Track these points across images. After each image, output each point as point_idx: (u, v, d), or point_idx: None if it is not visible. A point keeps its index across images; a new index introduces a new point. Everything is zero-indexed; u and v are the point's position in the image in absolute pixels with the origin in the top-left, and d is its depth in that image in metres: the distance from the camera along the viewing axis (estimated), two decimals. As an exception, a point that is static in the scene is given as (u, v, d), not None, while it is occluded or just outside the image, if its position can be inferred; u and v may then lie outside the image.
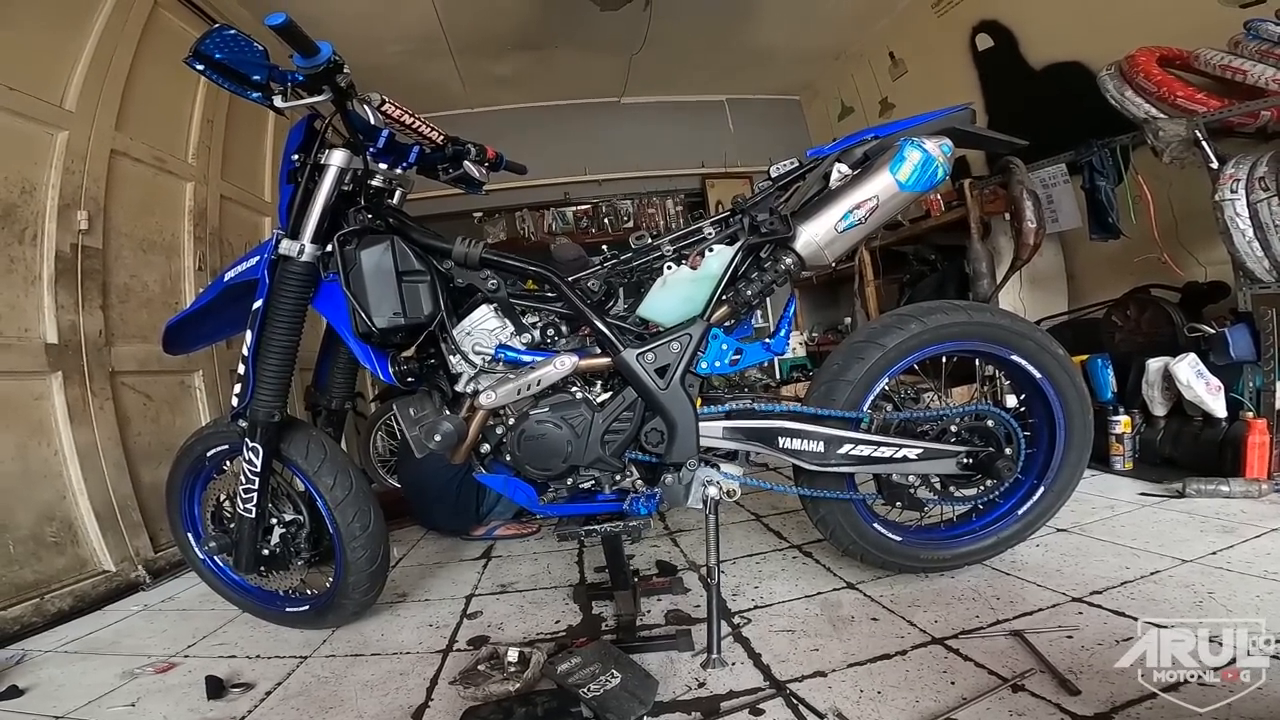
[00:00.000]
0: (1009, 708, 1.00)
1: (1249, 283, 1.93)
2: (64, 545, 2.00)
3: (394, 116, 1.41)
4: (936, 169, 1.32)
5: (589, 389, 1.44)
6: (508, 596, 1.78)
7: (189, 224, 2.68)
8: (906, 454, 1.41)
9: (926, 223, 3.36)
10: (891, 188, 1.31)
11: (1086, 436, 1.51)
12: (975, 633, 1.26)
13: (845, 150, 1.40)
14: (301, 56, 1.18)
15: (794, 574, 1.69)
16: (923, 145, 1.31)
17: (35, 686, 1.47)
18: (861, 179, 1.34)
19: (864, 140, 1.39)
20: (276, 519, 1.54)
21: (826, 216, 1.34)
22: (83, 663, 1.59)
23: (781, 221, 1.35)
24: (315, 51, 1.18)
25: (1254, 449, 1.86)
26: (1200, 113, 1.98)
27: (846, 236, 1.35)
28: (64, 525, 2.02)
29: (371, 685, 1.33)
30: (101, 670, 1.52)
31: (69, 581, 1.97)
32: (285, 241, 1.36)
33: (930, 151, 1.31)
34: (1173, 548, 1.54)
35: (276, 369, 1.40)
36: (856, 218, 1.32)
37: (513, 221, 4.91)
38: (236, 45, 1.21)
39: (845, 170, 1.38)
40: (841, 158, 1.39)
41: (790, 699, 1.10)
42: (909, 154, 1.30)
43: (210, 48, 1.19)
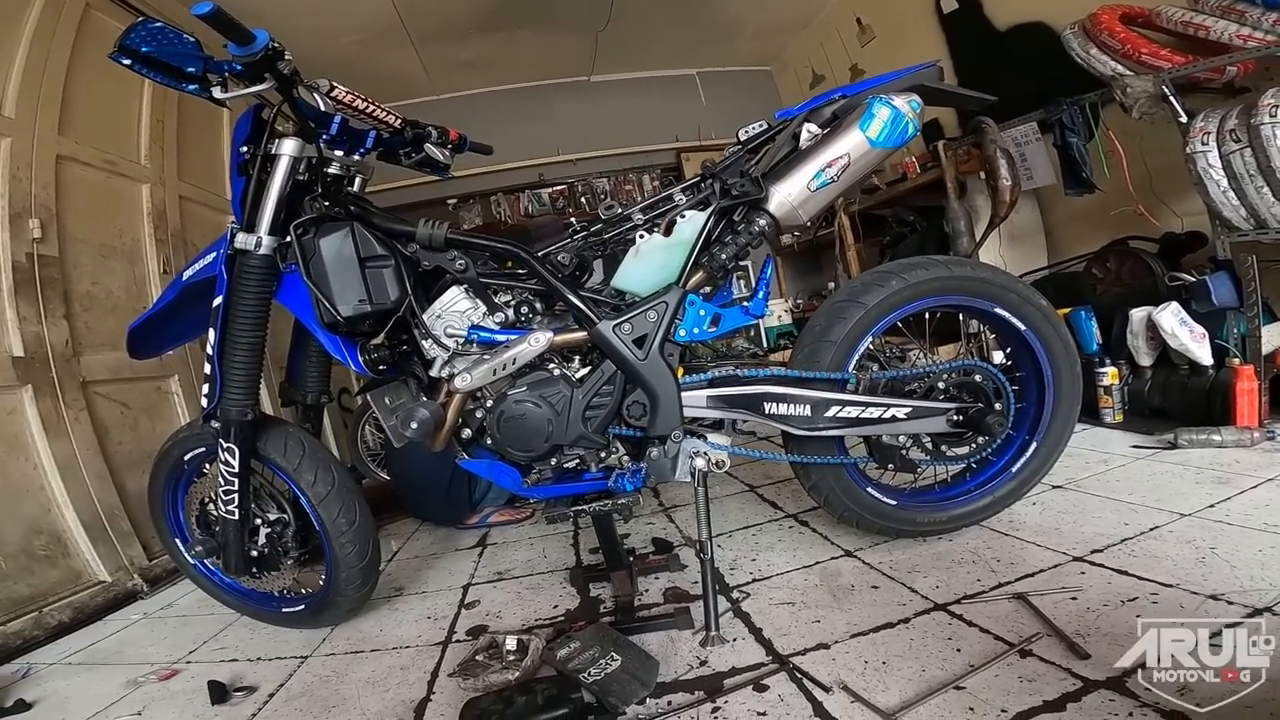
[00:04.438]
0: (1018, 674, 0.99)
1: (1227, 231, 1.95)
2: (55, 558, 1.99)
3: (345, 102, 1.37)
4: (907, 125, 1.31)
5: (567, 365, 1.41)
6: (505, 584, 1.76)
7: (149, 227, 2.63)
8: (895, 413, 1.40)
9: (903, 185, 3.39)
10: (862, 145, 1.30)
11: (1076, 388, 1.50)
12: (978, 597, 1.25)
13: (813, 110, 1.39)
14: (236, 45, 1.14)
15: (791, 544, 1.69)
16: (891, 102, 1.30)
17: (43, 699, 1.47)
18: (832, 138, 1.32)
19: (832, 100, 1.38)
20: (261, 519, 1.50)
21: (798, 176, 1.32)
22: (87, 673, 1.58)
23: (753, 183, 1.33)
24: (250, 39, 1.14)
25: (1242, 396, 1.87)
26: (1166, 69, 1.99)
27: (820, 195, 1.33)
28: (53, 538, 2.00)
29: (373, 682, 1.32)
30: (106, 680, 1.51)
31: (66, 593, 1.96)
32: (241, 235, 1.33)
33: (899, 108, 1.30)
34: (1170, 501, 1.53)
35: (244, 366, 1.37)
36: (829, 176, 1.31)
37: (488, 206, 4.88)
38: (164, 37, 1.16)
39: (815, 130, 1.36)
40: (810, 118, 1.38)
41: (794, 673, 1.09)
42: (878, 111, 1.29)
43: (136, 41, 1.14)
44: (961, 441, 1.50)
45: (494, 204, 4.88)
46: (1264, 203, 1.77)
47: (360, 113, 1.41)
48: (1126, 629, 1.04)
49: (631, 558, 1.74)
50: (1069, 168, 2.63)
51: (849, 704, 0.98)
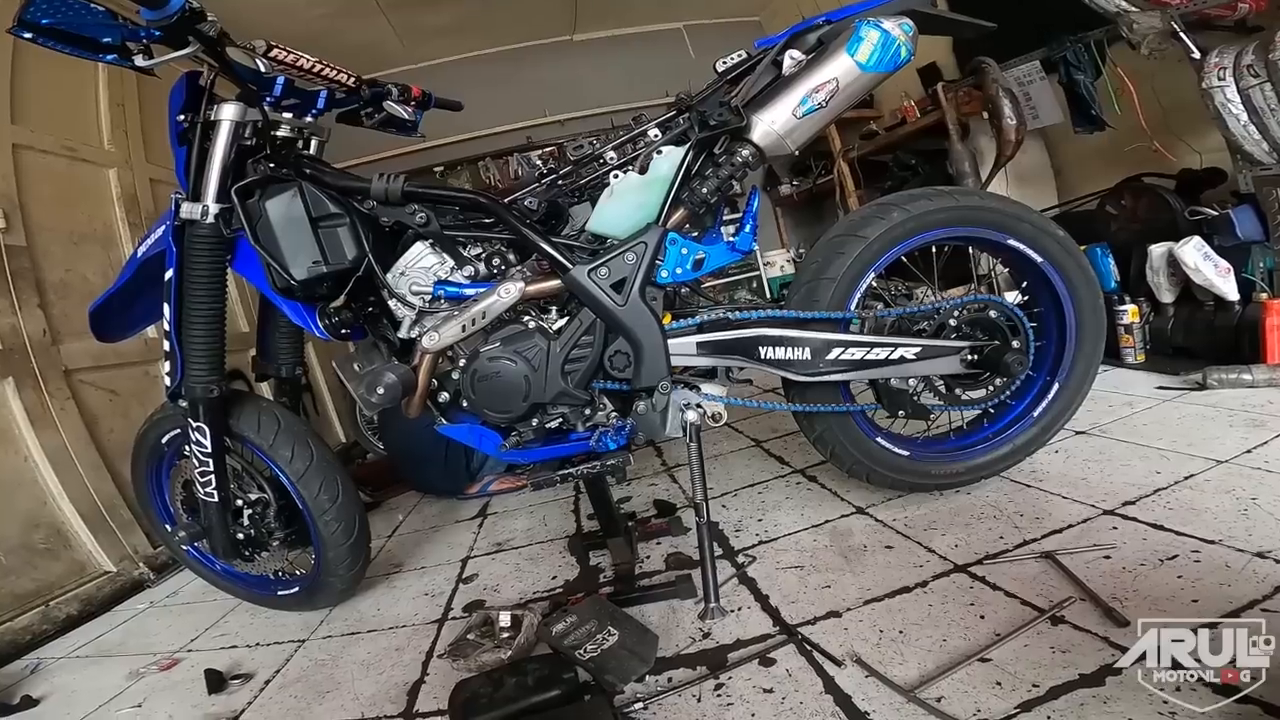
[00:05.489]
0: (1050, 643, 0.90)
1: (1249, 166, 1.88)
2: (57, 551, 1.98)
3: (287, 62, 1.28)
4: (899, 48, 1.22)
5: (543, 317, 1.33)
6: (503, 555, 1.72)
7: (120, 211, 2.59)
8: (903, 353, 1.31)
9: (903, 129, 3.32)
10: (851, 69, 1.22)
11: (1100, 322, 1.41)
12: (1001, 556, 1.16)
13: (796, 36, 1.30)
14: (148, 8, 1.06)
15: (799, 502, 1.61)
16: (881, 24, 1.22)
17: (49, 695, 1.47)
18: (817, 63, 1.24)
19: (816, 25, 1.30)
20: (242, 500, 1.45)
21: (784, 103, 1.23)
22: (93, 666, 1.58)
23: (733, 112, 1.23)
24: (162, 2, 1.05)
25: (1273, 331, 1.75)
26: (1174, 4, 1.89)
27: (807, 122, 1.24)
28: (52, 530, 1.99)
29: (368, 664, 1.29)
30: (110, 673, 1.50)
31: (71, 586, 1.95)
32: (186, 205, 1.28)
33: (890, 30, 1.21)
34: (1203, 446, 1.43)
35: (203, 340, 1.31)
36: (816, 101, 1.22)
37: (476, 172, 4.80)
38: (68, 7, 1.07)
39: (799, 56, 1.27)
40: (792, 44, 1.29)
41: (803, 645, 1.02)
42: (866, 34, 1.21)
43: (36, 14, 1.05)
44: (977, 384, 1.41)
45: (482, 169, 4.79)
46: None
47: (306, 72, 1.32)
48: (1168, 592, 0.96)
49: (631, 522, 1.68)
50: (1077, 105, 2.53)
51: (863, 679, 0.91)
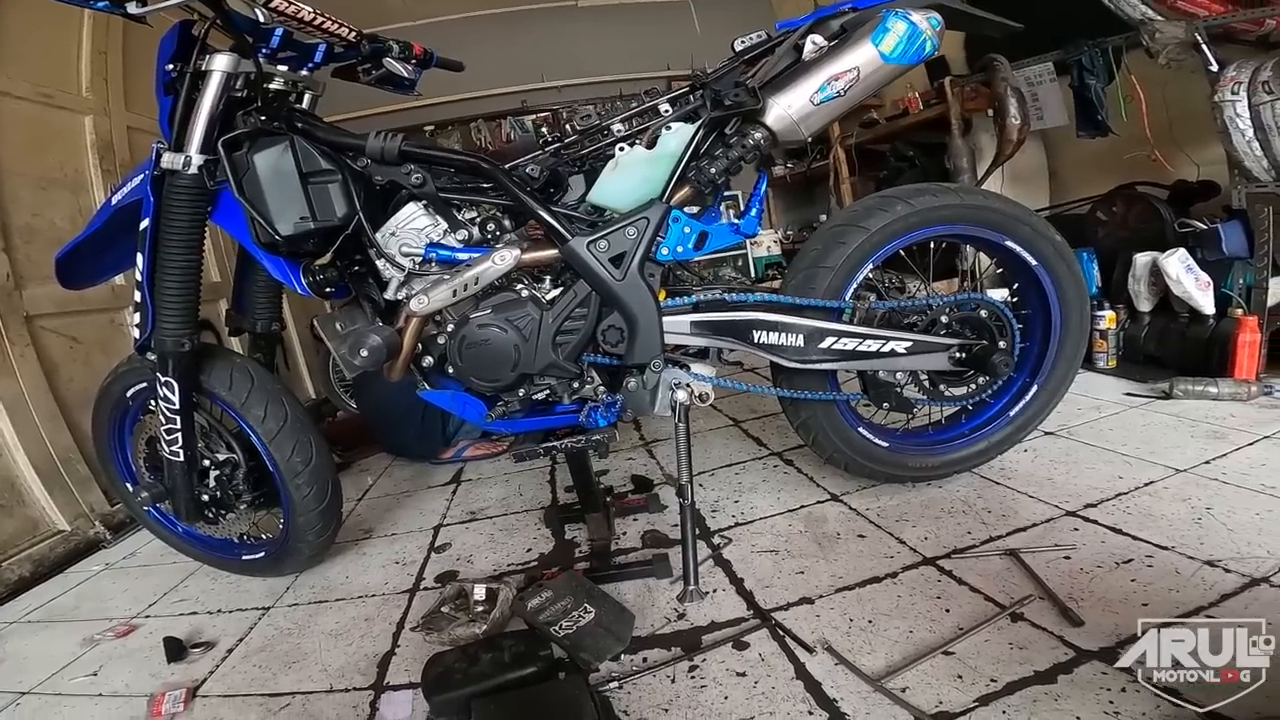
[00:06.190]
0: (1009, 639, 0.94)
1: (1245, 181, 1.91)
2: (10, 507, 1.91)
3: (287, 13, 1.21)
4: (924, 42, 1.20)
5: (537, 286, 1.30)
6: (477, 525, 1.71)
7: (94, 158, 2.49)
8: (895, 347, 1.32)
9: (904, 120, 3.28)
10: (874, 60, 1.19)
11: (1084, 328, 1.44)
12: (968, 551, 1.20)
13: (819, 22, 1.27)
14: None
15: (775, 485, 1.63)
16: (908, 16, 1.19)
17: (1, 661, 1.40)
18: (840, 50, 1.21)
19: (841, 12, 1.27)
20: (210, 460, 1.41)
21: (802, 88, 1.21)
22: (45, 632, 1.51)
23: (749, 93, 1.20)
24: None
25: (1243, 348, 1.80)
26: (1201, 16, 1.90)
27: (824, 110, 1.22)
28: (5, 485, 1.91)
29: (336, 635, 1.27)
30: (64, 639, 1.44)
31: (24, 545, 1.88)
32: (168, 155, 1.23)
33: (917, 23, 1.19)
34: (1165, 455, 1.48)
35: (177, 293, 1.27)
36: (835, 90, 1.20)
37: (468, 133, 4.68)
38: None
39: (820, 42, 1.25)
40: (815, 29, 1.26)
41: (776, 630, 1.04)
42: (893, 25, 1.18)
43: None
44: (961, 381, 1.43)
45: (474, 130, 4.68)
46: None
47: (306, 25, 1.25)
48: (1121, 594, 1.00)
49: (609, 497, 1.68)
50: (1084, 109, 2.53)
51: (833, 667, 0.93)
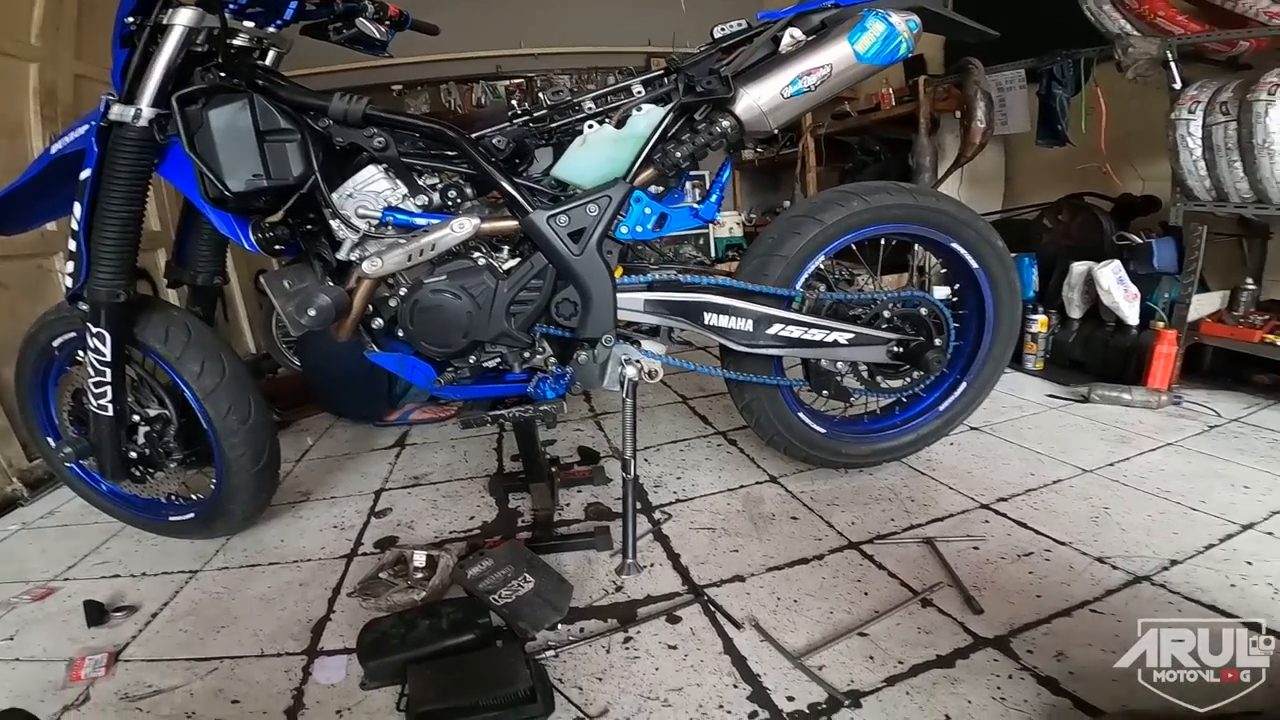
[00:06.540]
0: (917, 623, 1.01)
1: (1185, 199, 1.98)
2: None
3: None
4: (900, 44, 1.22)
5: (494, 255, 1.30)
6: (420, 490, 1.70)
7: (35, 104, 2.33)
8: (838, 338, 1.38)
9: (875, 115, 3.31)
10: (848, 58, 1.21)
11: (1013, 332, 1.52)
12: (890, 537, 1.27)
13: (800, 15, 1.29)
14: None
15: (717, 464, 1.68)
16: (888, 17, 1.21)
17: None
18: (816, 45, 1.23)
19: (823, 7, 1.29)
20: (140, 416, 1.36)
21: (773, 81, 1.22)
22: None
23: (721, 82, 1.22)
24: None
25: (1159, 359, 1.93)
26: (1176, 34, 1.95)
27: (793, 103, 1.24)
28: None
29: (268, 599, 1.25)
30: None
31: None
32: (117, 107, 1.16)
33: (895, 25, 1.21)
34: (1074, 455, 1.59)
35: (115, 242, 1.21)
36: (806, 85, 1.22)
37: (436, 94, 4.52)
38: None
39: (799, 36, 1.26)
40: (795, 22, 1.28)
41: (708, 606, 1.09)
42: (872, 24, 1.20)
43: None
44: (897, 374, 1.50)
45: (444, 92, 4.53)
46: (1231, 177, 1.78)
47: None
48: (1019, 585, 1.09)
49: (555, 468, 1.69)
50: (1046, 118, 2.59)
51: (758, 643, 0.99)
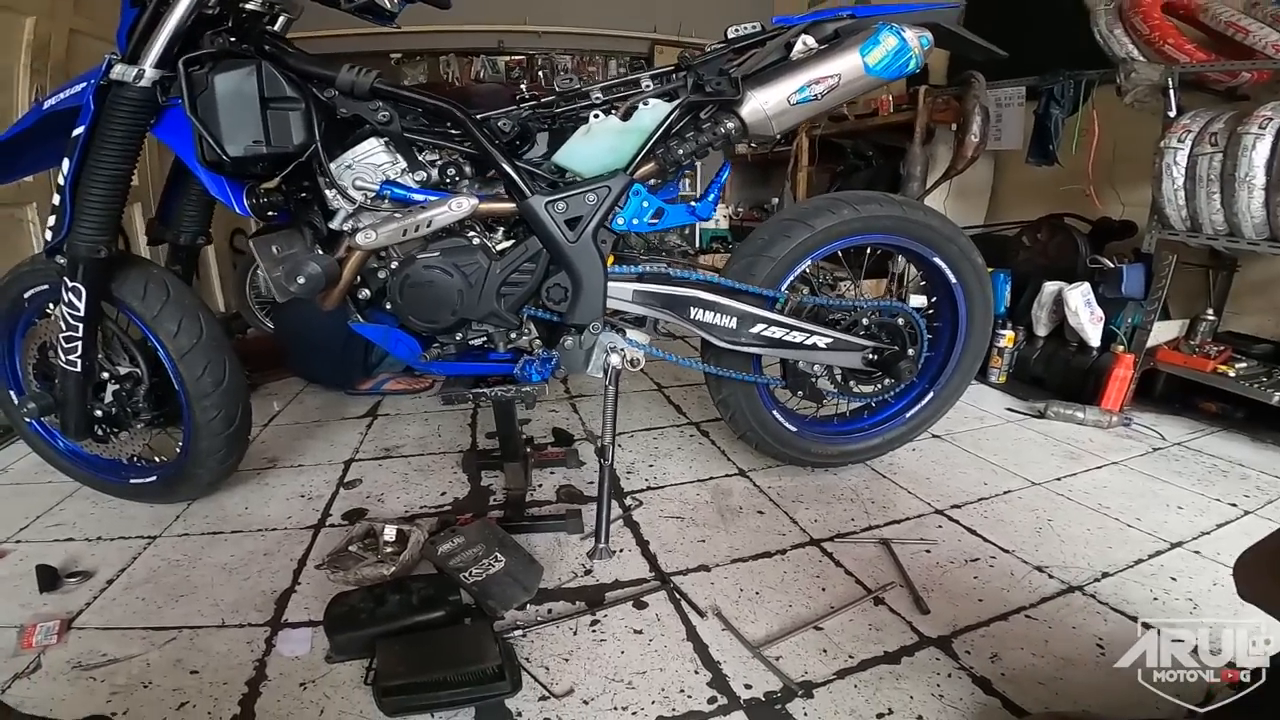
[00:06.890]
0: (869, 620, 1.07)
1: (1160, 227, 2.03)
2: None
3: None
4: (910, 59, 1.24)
5: (489, 235, 1.31)
6: (391, 463, 1.70)
7: (26, 58, 2.28)
8: (817, 341, 1.42)
9: (872, 120, 3.33)
10: (857, 69, 1.23)
11: (982, 345, 1.58)
12: (849, 537, 1.32)
13: (815, 24, 1.30)
14: None
15: (689, 454, 1.72)
16: (901, 32, 1.23)
17: None
18: (828, 54, 1.25)
19: (839, 17, 1.31)
20: (109, 373, 1.33)
21: (781, 86, 1.24)
22: None
23: (731, 83, 1.23)
24: None
25: (1115, 381, 2.02)
26: (1181, 62, 1.98)
27: (798, 110, 1.26)
28: None
29: (230, 568, 1.23)
30: None
31: None
32: (119, 66, 1.14)
33: (908, 40, 1.23)
34: (1026, 468, 1.67)
35: (102, 198, 1.19)
36: (813, 93, 1.24)
37: (435, 65, 4.48)
38: None
39: (811, 43, 1.28)
40: (810, 30, 1.29)
41: (673, 593, 1.13)
42: (884, 39, 1.22)
43: None
44: (869, 380, 1.55)
45: (443, 64, 4.49)
46: (1208, 208, 1.82)
47: None
48: (964, 589, 1.15)
49: (529, 448, 1.71)
50: (1039, 138, 2.64)
51: (719, 631, 1.03)
